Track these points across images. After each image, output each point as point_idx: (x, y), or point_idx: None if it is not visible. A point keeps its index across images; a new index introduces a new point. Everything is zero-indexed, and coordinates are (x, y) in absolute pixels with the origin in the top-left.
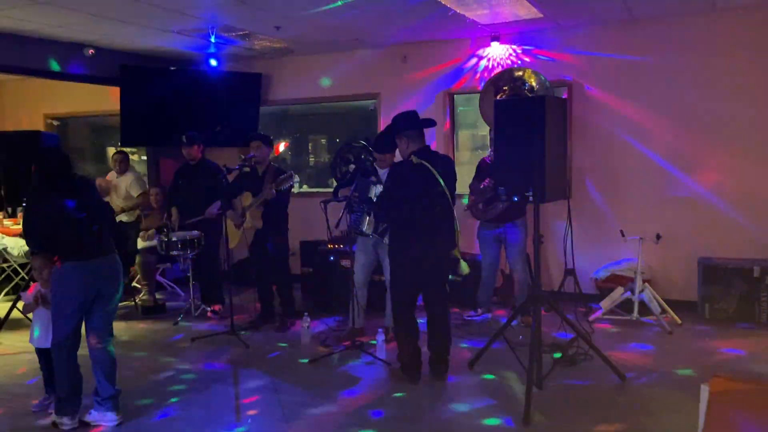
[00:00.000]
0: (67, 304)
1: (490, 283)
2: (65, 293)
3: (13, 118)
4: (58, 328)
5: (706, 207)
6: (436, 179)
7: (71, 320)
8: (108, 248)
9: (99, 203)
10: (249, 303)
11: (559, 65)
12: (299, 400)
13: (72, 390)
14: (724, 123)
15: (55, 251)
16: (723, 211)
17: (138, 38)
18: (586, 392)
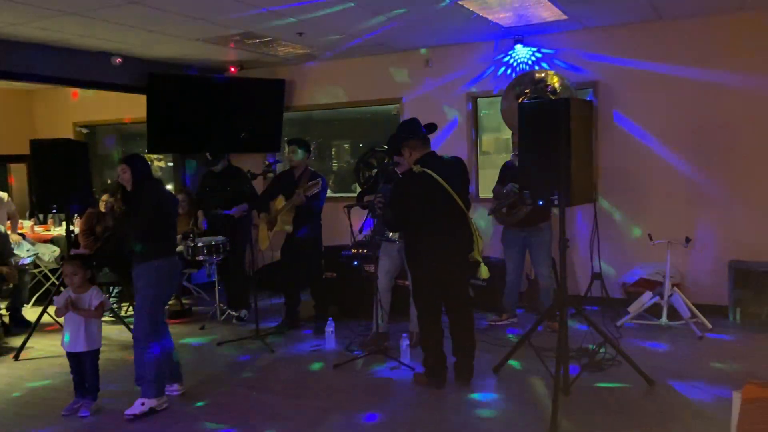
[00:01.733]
0: (161, 299)
1: (515, 288)
2: (161, 287)
3: (44, 126)
4: (152, 321)
5: (736, 210)
6: (440, 185)
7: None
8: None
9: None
10: (275, 307)
11: (585, 67)
12: (324, 405)
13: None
14: (755, 124)
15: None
16: (754, 214)
17: (164, 47)
18: (614, 398)
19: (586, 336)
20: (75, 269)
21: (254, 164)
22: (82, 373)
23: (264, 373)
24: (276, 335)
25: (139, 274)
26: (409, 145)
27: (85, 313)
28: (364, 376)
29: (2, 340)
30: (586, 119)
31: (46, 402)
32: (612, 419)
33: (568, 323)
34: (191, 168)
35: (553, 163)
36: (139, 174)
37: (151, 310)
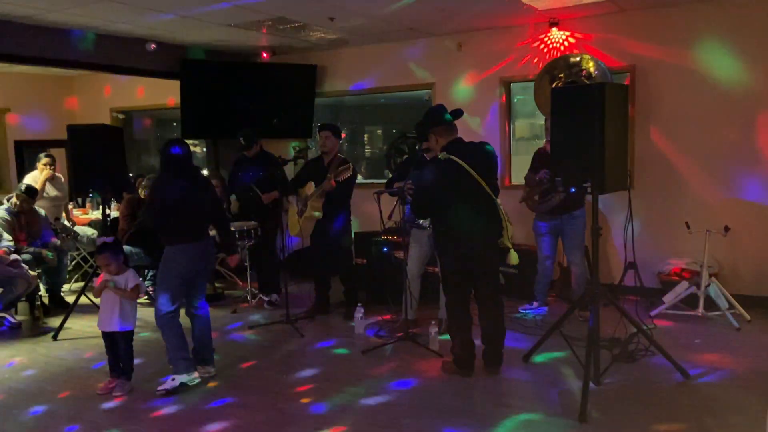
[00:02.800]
0: (172, 282)
1: (546, 276)
2: (172, 271)
3: (83, 111)
4: (169, 302)
5: None
6: (466, 172)
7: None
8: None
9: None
10: (305, 293)
11: (621, 51)
12: (353, 390)
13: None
14: None
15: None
16: None
17: (197, 33)
18: (646, 390)
19: (619, 326)
20: (107, 260)
21: (286, 150)
22: (117, 354)
23: (293, 358)
24: (306, 320)
25: (164, 256)
26: (436, 132)
27: (120, 293)
28: (392, 362)
29: (42, 321)
30: (621, 105)
31: (82, 381)
32: (644, 411)
33: (600, 312)
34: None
35: (587, 150)
36: (163, 162)
37: (165, 294)
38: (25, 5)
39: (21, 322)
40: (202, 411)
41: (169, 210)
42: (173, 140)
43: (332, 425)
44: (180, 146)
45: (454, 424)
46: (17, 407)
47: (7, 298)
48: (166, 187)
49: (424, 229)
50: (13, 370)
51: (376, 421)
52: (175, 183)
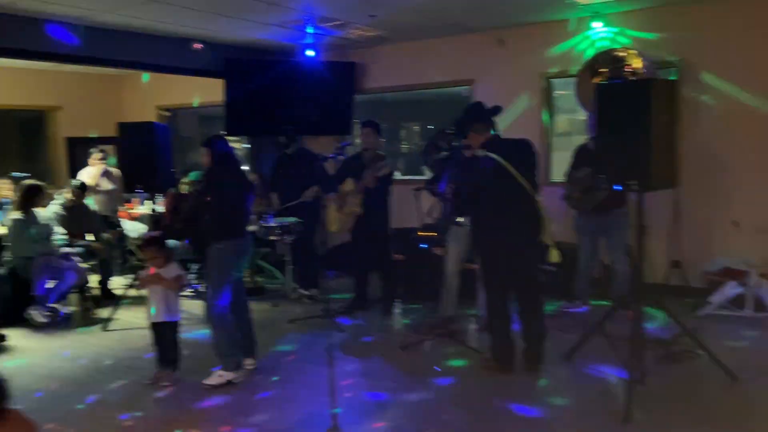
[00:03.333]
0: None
1: (587, 275)
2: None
3: (130, 109)
4: (221, 298)
5: None
6: (505, 169)
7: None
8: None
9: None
10: (344, 288)
11: (667, 45)
12: (392, 386)
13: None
14: None
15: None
16: None
17: (240, 32)
18: (692, 392)
19: (663, 326)
20: (152, 254)
21: (326, 147)
22: (164, 344)
23: (333, 352)
24: (345, 315)
25: (208, 254)
26: (474, 129)
27: (164, 283)
28: (431, 359)
29: (92, 312)
30: (669, 101)
31: (131, 371)
32: (689, 413)
33: (644, 312)
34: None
35: (632, 147)
36: (216, 157)
37: (219, 289)
38: (77, 6)
39: (72, 314)
40: (248, 403)
41: (227, 205)
42: (219, 136)
43: (372, 421)
44: (227, 142)
45: (495, 422)
46: (71, 396)
47: (59, 290)
48: (224, 182)
49: (463, 227)
50: (65, 359)
51: (415, 417)
52: (231, 178)
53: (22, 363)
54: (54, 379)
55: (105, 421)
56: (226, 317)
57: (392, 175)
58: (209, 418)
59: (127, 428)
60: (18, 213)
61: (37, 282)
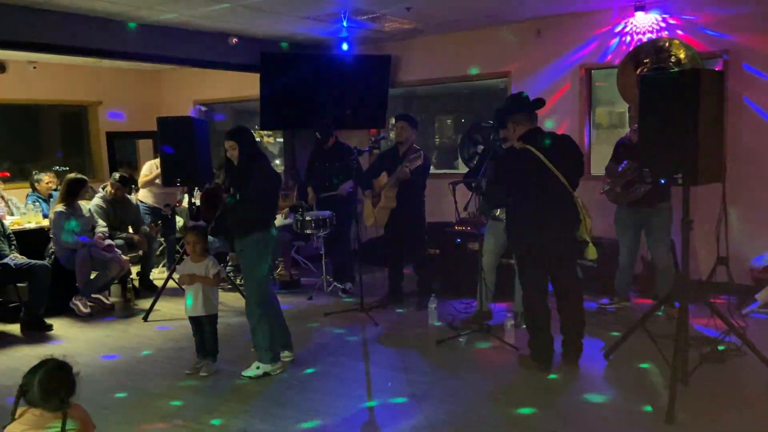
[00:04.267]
0: (263, 270)
1: (628, 270)
2: (264, 257)
3: (168, 104)
4: (259, 292)
5: None
6: (542, 163)
7: (266, 283)
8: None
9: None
10: (379, 281)
11: (713, 36)
12: (428, 380)
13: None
14: None
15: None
16: None
17: (276, 26)
18: (737, 392)
19: (708, 324)
20: (197, 239)
21: (360, 140)
22: (203, 336)
23: (368, 345)
24: (379, 309)
25: (241, 248)
26: (515, 119)
27: (202, 281)
28: (467, 354)
29: (133, 303)
30: (716, 92)
31: (171, 361)
32: (735, 414)
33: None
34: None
35: (678, 140)
36: (248, 150)
37: (256, 282)
38: (117, 3)
39: (114, 304)
40: (284, 395)
41: (261, 198)
42: (246, 128)
43: (407, 416)
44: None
45: (534, 419)
46: (112, 385)
47: (101, 280)
48: (269, 172)
49: (501, 221)
50: (107, 349)
51: (451, 412)
52: (262, 171)
53: (65, 352)
54: (96, 368)
55: (145, 410)
56: (263, 310)
57: (427, 169)
58: (246, 409)
59: (166, 417)
60: (61, 206)
61: (81, 273)
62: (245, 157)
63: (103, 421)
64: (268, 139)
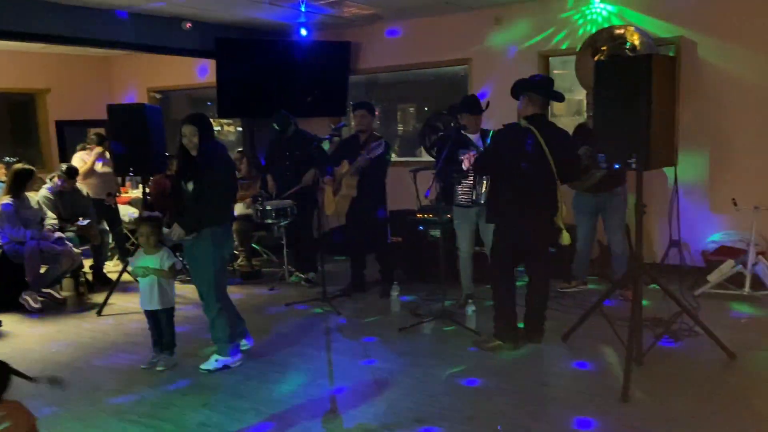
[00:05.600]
0: (222, 263)
1: (585, 255)
2: (225, 250)
3: (120, 91)
4: (224, 282)
5: None
6: (540, 145)
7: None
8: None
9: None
10: (341, 271)
11: (666, 22)
12: (391, 367)
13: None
14: None
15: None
16: None
17: (231, 10)
18: (690, 370)
19: (662, 305)
20: (150, 230)
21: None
22: (160, 330)
23: (330, 335)
24: (342, 298)
25: (196, 240)
26: (530, 96)
27: (158, 273)
28: (430, 340)
29: (86, 297)
30: (668, 77)
31: (126, 356)
32: (687, 392)
33: (642, 291)
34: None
35: (631, 125)
36: (208, 138)
37: (213, 275)
38: None
39: (66, 299)
40: (245, 386)
41: (230, 187)
42: (204, 114)
43: (370, 403)
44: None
45: (493, 402)
46: (65, 380)
47: (52, 274)
48: (229, 163)
49: (469, 207)
50: (60, 344)
51: (412, 397)
52: (229, 159)
53: (16, 348)
54: (48, 364)
55: (100, 405)
56: (221, 303)
57: (388, 157)
58: (205, 402)
59: (120, 413)
60: (8, 198)
61: (30, 267)
62: (205, 145)
63: (55, 419)
64: (228, 127)
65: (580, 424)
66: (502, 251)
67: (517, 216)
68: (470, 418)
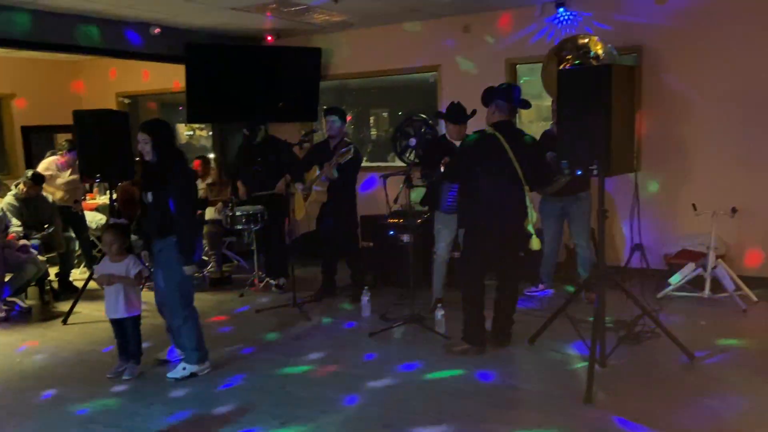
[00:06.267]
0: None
1: (552, 258)
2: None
3: (89, 97)
4: (184, 292)
5: None
6: (505, 150)
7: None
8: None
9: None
10: (312, 276)
11: (630, 32)
12: (359, 373)
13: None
14: None
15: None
16: None
17: (201, 16)
18: (652, 371)
19: (625, 308)
20: (113, 238)
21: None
22: (125, 338)
23: (301, 341)
24: (313, 303)
25: (162, 248)
26: (497, 104)
27: (122, 281)
28: (400, 345)
29: (52, 305)
30: (628, 86)
31: (92, 364)
32: (649, 392)
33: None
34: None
35: (593, 132)
36: (164, 146)
37: (180, 283)
38: None
39: (31, 307)
40: (211, 393)
41: (189, 196)
42: (163, 121)
43: (339, 408)
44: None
45: (460, 405)
46: (29, 390)
47: (17, 282)
48: (187, 171)
49: (454, 213)
50: (24, 354)
51: (383, 403)
52: (187, 167)
53: None
54: (13, 373)
55: (64, 415)
56: (188, 311)
57: (358, 162)
58: (172, 411)
59: (85, 423)
60: None
61: None
62: (162, 154)
63: (19, 428)
64: (201, 132)
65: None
66: (472, 256)
67: (486, 222)
68: (438, 422)
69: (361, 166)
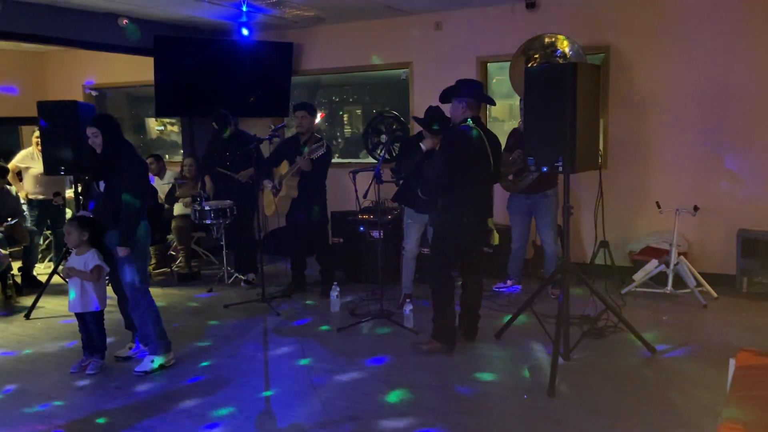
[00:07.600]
0: (145, 261)
1: (520, 255)
2: (147, 246)
3: (55, 88)
4: (142, 283)
5: (746, 178)
6: (485, 148)
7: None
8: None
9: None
10: (281, 272)
11: (597, 32)
12: (327, 367)
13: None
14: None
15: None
16: (764, 183)
17: (171, 8)
18: (614, 365)
19: (589, 303)
20: (70, 229)
21: (261, 129)
22: (89, 333)
23: (269, 336)
24: (282, 298)
25: (116, 240)
26: (469, 102)
27: (81, 275)
28: (368, 340)
29: (14, 300)
30: (593, 85)
31: (55, 359)
32: (611, 386)
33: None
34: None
35: (558, 130)
36: (111, 139)
37: (137, 273)
38: None
39: None
40: (177, 388)
41: (140, 184)
42: (110, 115)
43: (305, 403)
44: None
45: (426, 399)
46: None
47: None
48: (135, 160)
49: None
50: None
51: (350, 397)
52: (136, 156)
53: None
54: None
55: (25, 411)
56: (147, 301)
57: (329, 158)
58: (137, 406)
59: (48, 418)
60: None
61: None
62: (111, 144)
63: None
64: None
65: (507, 417)
66: (444, 253)
67: (460, 217)
68: (403, 415)
69: (331, 162)
